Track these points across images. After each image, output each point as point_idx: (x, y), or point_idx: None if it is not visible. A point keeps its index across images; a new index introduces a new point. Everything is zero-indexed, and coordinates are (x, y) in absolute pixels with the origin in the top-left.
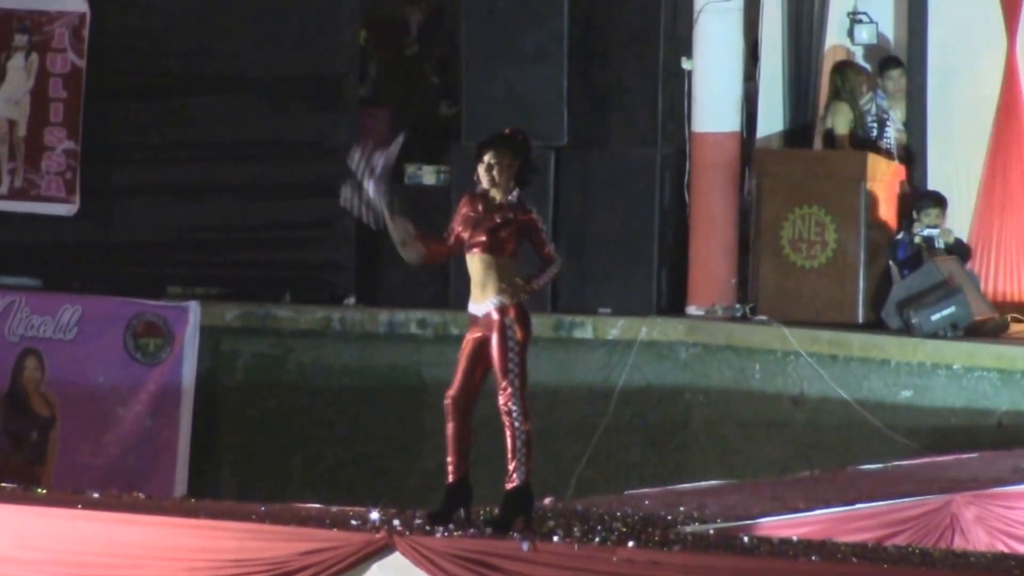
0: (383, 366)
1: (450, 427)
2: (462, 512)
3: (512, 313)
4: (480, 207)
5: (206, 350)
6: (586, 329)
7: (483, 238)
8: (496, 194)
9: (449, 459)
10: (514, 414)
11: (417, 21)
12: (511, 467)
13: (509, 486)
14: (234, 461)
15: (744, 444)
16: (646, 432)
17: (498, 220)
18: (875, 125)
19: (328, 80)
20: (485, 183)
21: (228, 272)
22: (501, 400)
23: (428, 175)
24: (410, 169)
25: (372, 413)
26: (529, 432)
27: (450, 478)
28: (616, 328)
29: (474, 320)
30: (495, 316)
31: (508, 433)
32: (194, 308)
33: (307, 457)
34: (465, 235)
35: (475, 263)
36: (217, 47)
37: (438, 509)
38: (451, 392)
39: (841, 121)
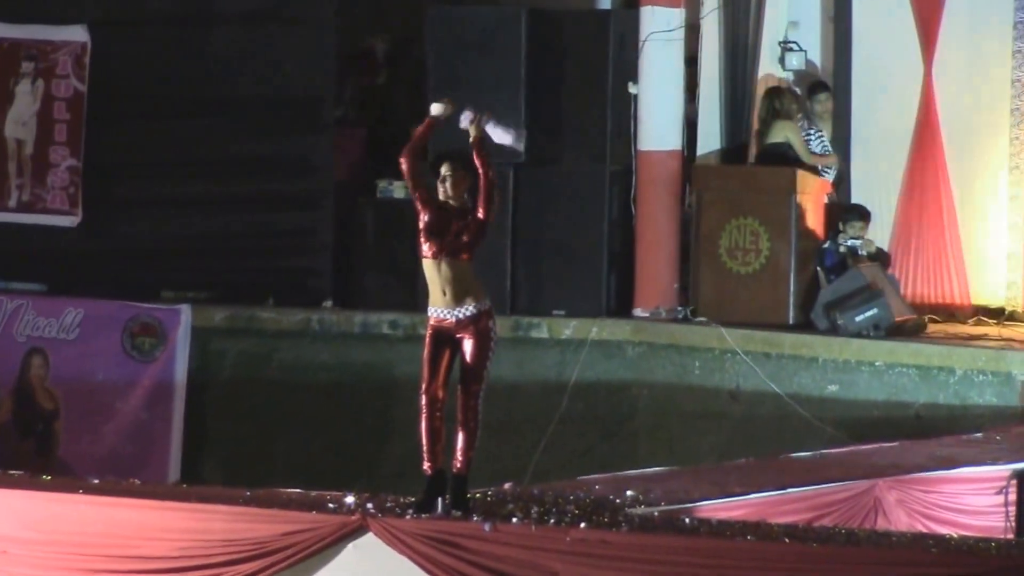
0: (358, 363)
1: (427, 422)
2: (440, 500)
3: (491, 319)
4: (440, 216)
5: (196, 349)
6: (542, 329)
7: (448, 244)
8: (453, 203)
9: (426, 451)
10: (477, 411)
11: (383, 51)
12: (468, 455)
13: (463, 471)
14: (222, 450)
15: (686, 434)
16: (597, 423)
17: (459, 225)
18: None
19: (307, 103)
20: (440, 194)
21: (216, 277)
22: (467, 398)
23: (398, 190)
24: (381, 184)
25: (347, 406)
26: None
27: (428, 469)
28: (569, 328)
29: (441, 321)
30: (478, 320)
31: (471, 427)
32: (186, 310)
33: (288, 446)
34: (431, 242)
35: (441, 268)
36: (205, 73)
37: (422, 499)
38: (427, 388)
39: (794, 137)
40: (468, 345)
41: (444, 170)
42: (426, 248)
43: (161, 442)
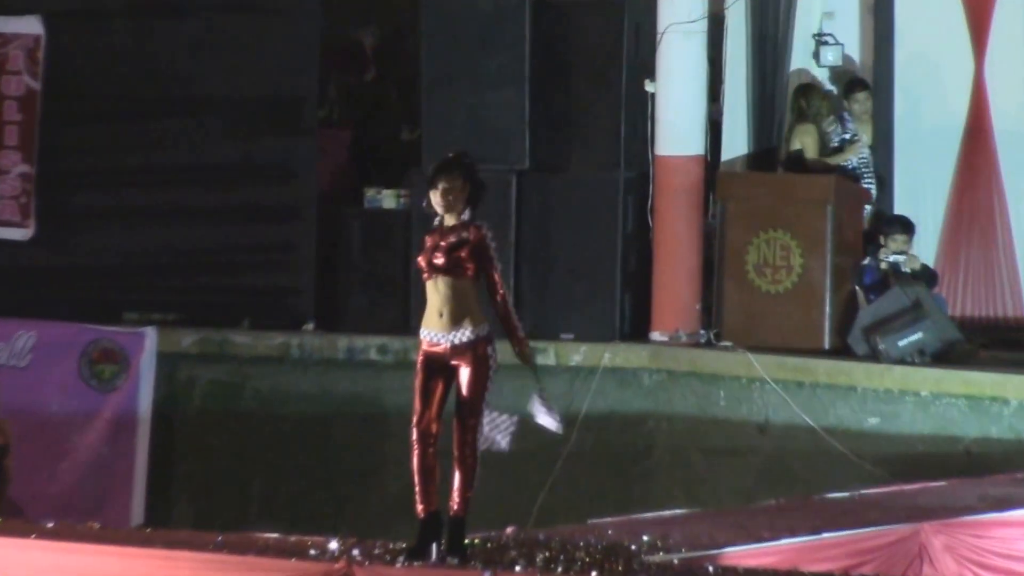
0: (343, 393)
1: (419, 459)
2: (434, 547)
3: (490, 345)
4: (436, 234)
5: (163, 377)
6: (549, 355)
7: (442, 261)
8: (449, 219)
9: (418, 491)
10: (475, 447)
11: (371, 46)
12: (465, 496)
13: (460, 513)
14: (191, 489)
15: (709, 472)
16: (609, 459)
17: (454, 241)
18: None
19: (288, 103)
20: (440, 209)
21: (185, 297)
22: (463, 432)
23: (387, 199)
24: (369, 193)
25: (332, 440)
26: None
27: (421, 511)
28: (579, 354)
29: (434, 346)
30: (475, 346)
31: (468, 464)
32: (150, 334)
33: (266, 485)
34: (424, 262)
35: (436, 288)
36: (173, 70)
37: (414, 545)
38: (419, 421)
39: (810, 143)
40: (464, 373)
41: (443, 183)
42: (425, 266)
43: (123, 481)
